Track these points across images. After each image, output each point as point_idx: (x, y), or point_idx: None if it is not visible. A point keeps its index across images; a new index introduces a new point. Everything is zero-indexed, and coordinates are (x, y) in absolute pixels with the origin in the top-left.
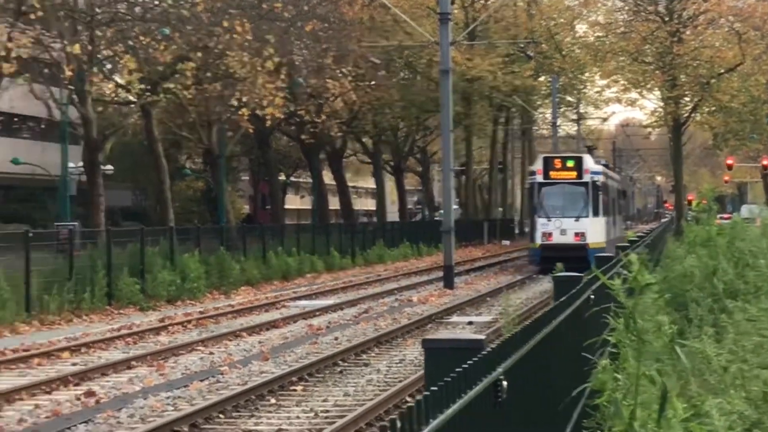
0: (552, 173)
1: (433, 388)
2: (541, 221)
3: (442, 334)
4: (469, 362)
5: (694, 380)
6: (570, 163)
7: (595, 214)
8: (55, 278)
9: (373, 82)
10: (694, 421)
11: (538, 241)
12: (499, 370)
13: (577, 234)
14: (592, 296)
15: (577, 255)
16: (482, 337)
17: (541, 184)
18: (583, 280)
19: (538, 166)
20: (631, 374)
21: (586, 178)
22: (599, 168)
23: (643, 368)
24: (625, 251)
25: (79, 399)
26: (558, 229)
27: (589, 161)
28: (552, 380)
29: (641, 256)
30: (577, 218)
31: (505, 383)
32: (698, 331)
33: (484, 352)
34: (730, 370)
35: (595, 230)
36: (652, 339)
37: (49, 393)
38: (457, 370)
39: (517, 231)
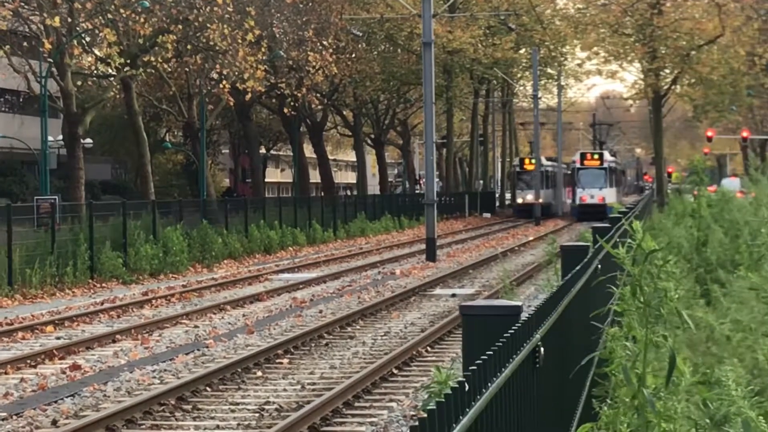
0: (585, 162)
1: (489, 352)
2: (579, 190)
3: (481, 300)
4: (512, 329)
5: (694, 351)
6: (596, 156)
7: (610, 186)
8: (37, 252)
9: (353, 55)
10: (703, 389)
11: (577, 201)
12: (537, 336)
13: (599, 197)
14: (599, 266)
15: (599, 210)
16: (519, 303)
17: (579, 168)
18: (589, 252)
19: (577, 157)
20: (639, 341)
21: (605, 165)
22: (612, 158)
23: (651, 335)
24: (618, 223)
25: (64, 372)
26: (589, 194)
27: (606, 155)
28: (571, 349)
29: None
30: (600, 188)
31: (542, 349)
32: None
33: (523, 319)
34: (733, 339)
35: (610, 195)
36: (658, 305)
37: (34, 366)
38: (505, 335)
39: (497, 204)
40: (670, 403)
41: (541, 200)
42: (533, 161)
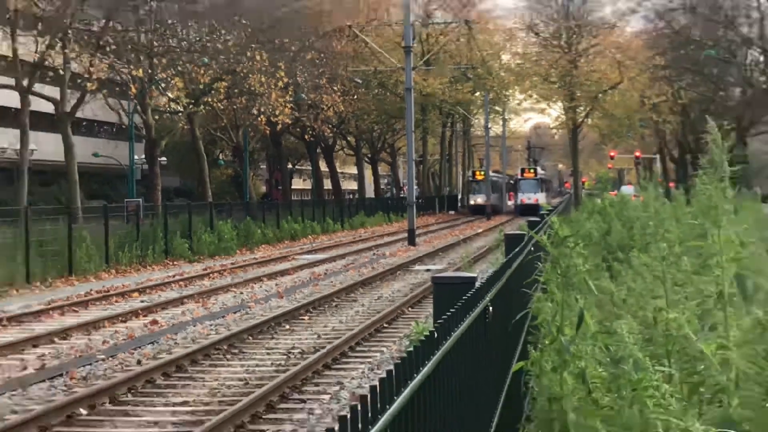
0: (524, 174)
1: (452, 310)
2: (520, 194)
3: (447, 273)
4: (468, 294)
5: (601, 310)
6: (532, 170)
7: (542, 191)
8: (126, 240)
9: (355, 96)
10: (605, 337)
11: (519, 202)
12: (487, 298)
13: (534, 199)
14: (532, 248)
15: (534, 208)
16: (475, 275)
17: (520, 179)
18: (525, 238)
19: (518, 171)
20: (558, 302)
21: (538, 176)
22: (542, 172)
23: (566, 298)
24: (545, 218)
25: (146, 326)
26: (527, 197)
27: (539, 169)
28: (511, 308)
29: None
30: (535, 193)
31: (491, 308)
32: (597, 275)
33: (477, 286)
34: (628, 302)
35: (542, 197)
36: (571, 276)
37: (124, 322)
38: (464, 298)
39: (459, 204)
40: (581, 347)
41: (489, 202)
42: (482, 173)
